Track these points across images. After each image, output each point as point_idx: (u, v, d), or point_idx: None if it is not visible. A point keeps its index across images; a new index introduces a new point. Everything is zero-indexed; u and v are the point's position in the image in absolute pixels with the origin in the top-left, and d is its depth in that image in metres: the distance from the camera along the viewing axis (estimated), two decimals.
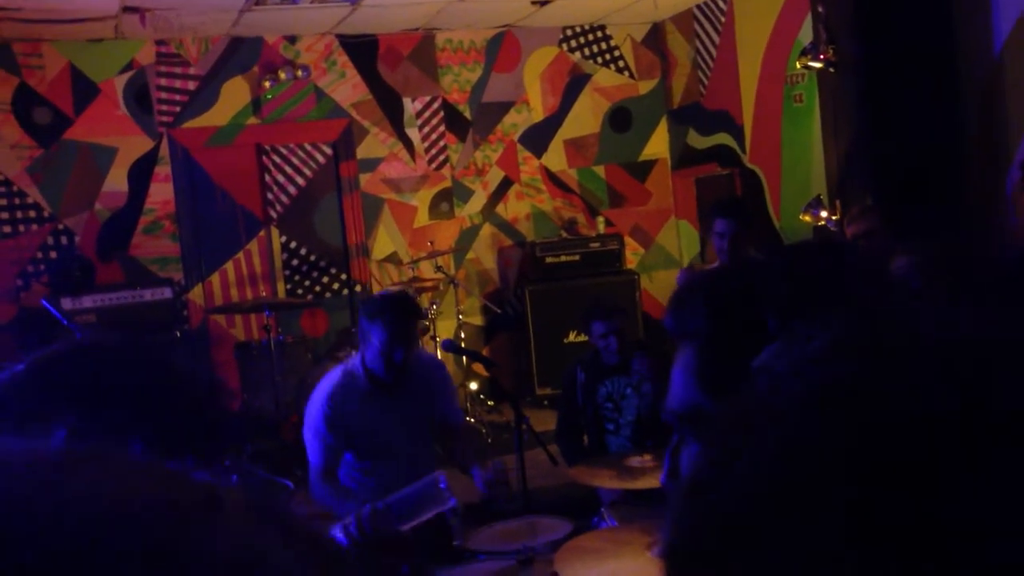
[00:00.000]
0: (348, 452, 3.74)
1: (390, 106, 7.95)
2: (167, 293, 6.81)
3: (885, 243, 4.47)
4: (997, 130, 5.26)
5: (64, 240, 7.13)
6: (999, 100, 5.25)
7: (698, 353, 0.95)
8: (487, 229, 8.21)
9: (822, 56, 5.49)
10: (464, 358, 7.47)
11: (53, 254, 7.10)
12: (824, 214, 5.61)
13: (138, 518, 0.38)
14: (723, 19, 7.68)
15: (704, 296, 0.98)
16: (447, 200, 8.12)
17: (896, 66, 5.24)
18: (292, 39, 7.67)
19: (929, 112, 5.24)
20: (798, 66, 6.03)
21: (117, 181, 7.25)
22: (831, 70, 5.52)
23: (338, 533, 3.41)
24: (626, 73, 8.55)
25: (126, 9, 6.41)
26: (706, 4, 7.84)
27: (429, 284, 7.27)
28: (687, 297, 0.99)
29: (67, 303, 6.37)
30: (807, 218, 5.78)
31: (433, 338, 6.93)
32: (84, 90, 7.16)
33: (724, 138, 7.84)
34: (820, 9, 5.62)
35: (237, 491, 0.43)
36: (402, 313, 3.57)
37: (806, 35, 6.54)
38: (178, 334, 6.77)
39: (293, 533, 0.43)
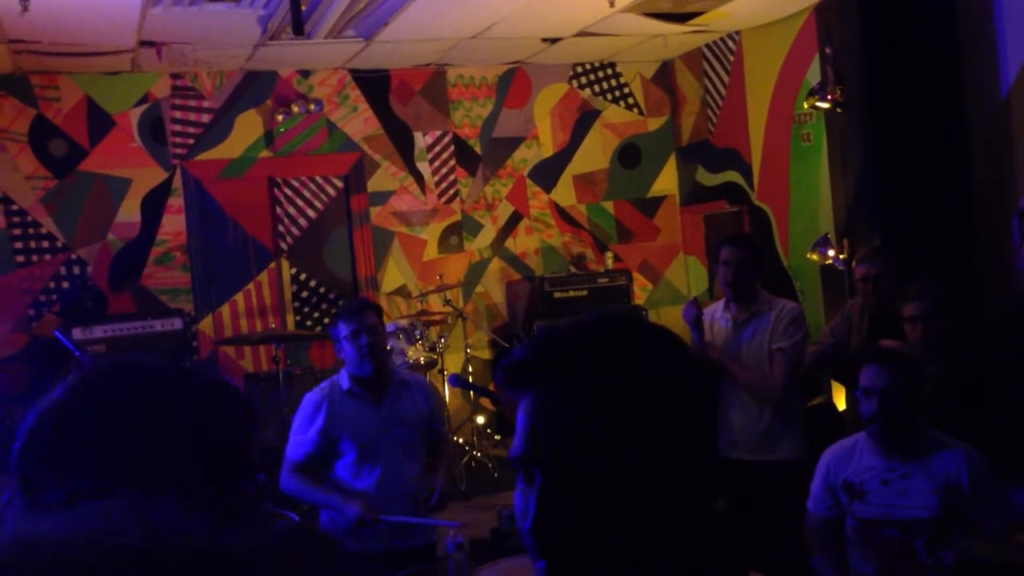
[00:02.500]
0: (335, 458, 3.82)
1: (401, 140, 8.02)
2: (177, 324, 6.85)
3: (893, 285, 4.50)
4: (1004, 170, 5.29)
5: (77, 270, 7.19)
6: (1006, 141, 5.29)
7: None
8: (496, 263, 8.25)
9: (830, 96, 5.55)
10: (471, 392, 7.48)
11: (65, 284, 7.15)
12: (831, 253, 5.64)
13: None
14: (732, 58, 7.76)
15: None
16: (456, 234, 8.16)
17: (903, 107, 5.29)
18: (305, 73, 7.76)
19: (936, 153, 5.28)
20: (806, 106, 6.09)
21: (130, 212, 7.32)
22: (838, 110, 5.57)
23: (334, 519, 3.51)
24: (635, 110, 8.62)
25: (143, 43, 6.51)
26: (715, 43, 7.92)
27: (438, 318, 7.30)
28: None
29: (78, 333, 6.41)
30: (815, 256, 5.81)
31: (441, 372, 6.95)
32: (99, 122, 7.25)
33: (732, 176, 7.89)
34: (828, 50, 5.68)
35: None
36: (356, 308, 3.82)
37: (814, 75, 6.61)
38: (187, 365, 6.79)
39: None
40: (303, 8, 5.38)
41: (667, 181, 8.69)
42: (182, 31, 6.32)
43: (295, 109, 7.63)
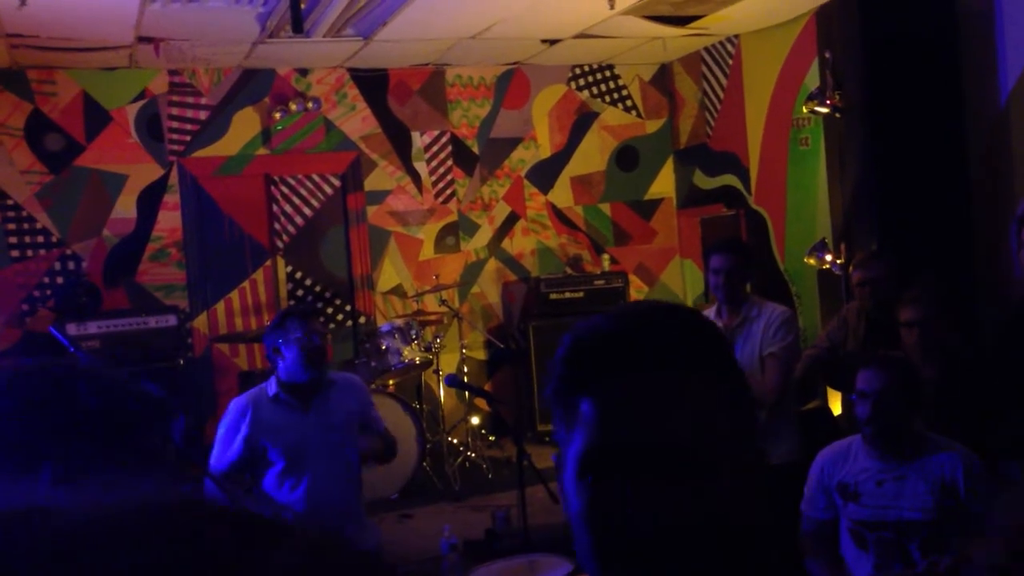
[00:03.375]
0: (264, 468, 3.73)
1: (399, 140, 8.01)
2: (172, 321, 6.83)
3: (890, 290, 4.50)
4: (1002, 177, 5.30)
5: (71, 265, 7.16)
6: (1004, 148, 5.29)
7: None
8: (492, 264, 8.24)
9: (828, 101, 5.55)
10: (466, 393, 7.47)
11: (60, 279, 7.12)
12: (828, 257, 5.64)
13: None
14: (731, 62, 7.76)
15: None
16: (453, 234, 8.15)
17: (902, 112, 5.29)
18: (303, 72, 7.75)
19: (935, 159, 5.28)
20: (804, 110, 6.09)
21: (126, 208, 7.29)
22: (837, 115, 5.57)
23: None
24: (633, 112, 8.62)
25: (141, 39, 6.49)
26: (714, 47, 7.92)
27: (433, 318, 7.29)
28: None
29: (72, 329, 6.38)
30: (811, 261, 5.81)
31: (436, 372, 6.94)
32: (96, 117, 7.23)
33: (730, 179, 7.89)
34: (827, 55, 5.68)
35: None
36: (309, 311, 3.79)
37: (813, 80, 6.61)
38: (181, 362, 6.77)
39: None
40: (302, 6, 5.37)
41: (664, 184, 8.69)
42: (180, 27, 6.30)
43: (293, 107, 7.62)
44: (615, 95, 8.58)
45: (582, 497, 0.92)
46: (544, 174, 8.37)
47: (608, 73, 8.54)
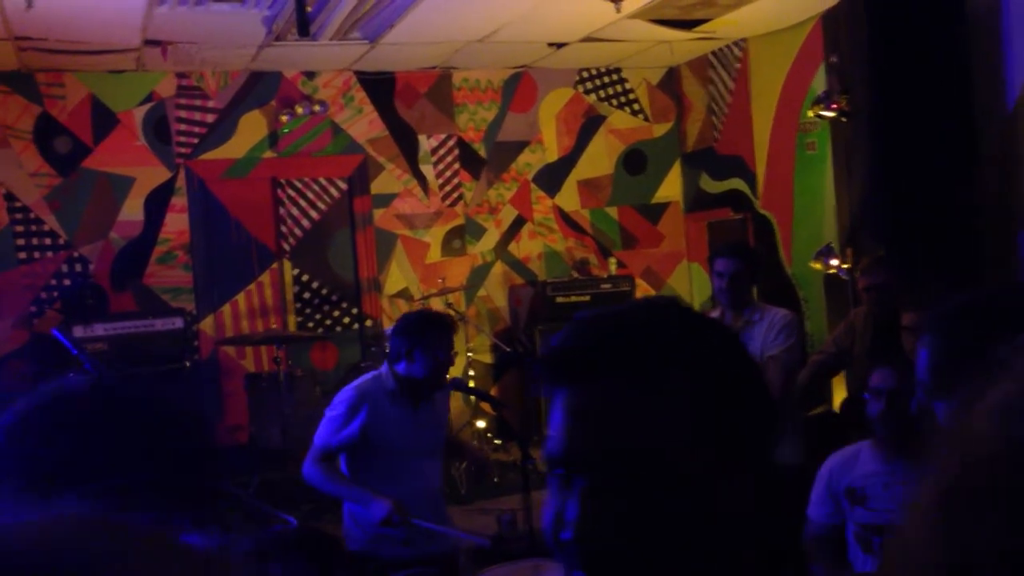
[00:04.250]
0: (366, 456, 3.76)
1: (406, 143, 8.01)
2: (178, 323, 6.84)
3: (896, 296, 4.48)
4: (1011, 183, 5.27)
5: (79, 268, 7.18)
6: (1013, 154, 5.27)
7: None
8: (499, 267, 8.23)
9: (835, 105, 5.54)
10: (472, 397, 7.46)
11: (67, 281, 7.14)
12: (835, 262, 5.63)
13: None
14: (738, 66, 7.74)
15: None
16: (460, 237, 8.15)
17: (909, 117, 5.26)
18: (310, 75, 7.75)
19: (943, 163, 5.26)
20: (811, 114, 6.08)
21: (133, 211, 7.31)
22: (844, 119, 5.56)
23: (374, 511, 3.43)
24: (641, 116, 8.61)
25: (148, 42, 6.50)
26: (721, 51, 7.91)
27: None
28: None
29: (79, 331, 6.40)
30: (818, 265, 5.79)
31: None
32: (104, 120, 7.25)
33: (737, 183, 7.87)
34: (834, 59, 5.67)
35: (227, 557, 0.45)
36: (446, 328, 3.81)
37: (820, 84, 6.59)
38: (188, 364, 6.78)
39: None
40: (308, 9, 5.38)
41: (671, 188, 8.67)
42: (187, 30, 6.31)
43: (299, 110, 7.62)
44: (622, 99, 8.57)
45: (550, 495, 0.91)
46: (551, 177, 8.37)
47: (615, 76, 8.53)
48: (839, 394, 5.50)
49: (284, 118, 7.62)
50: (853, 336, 4.73)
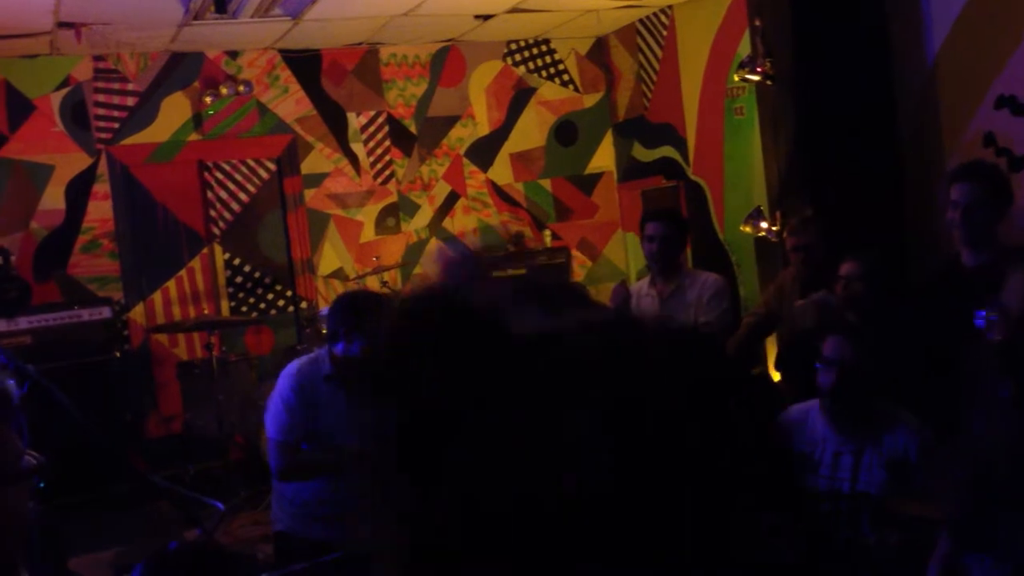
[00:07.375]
0: (313, 438, 3.67)
1: (334, 121, 7.89)
2: (106, 313, 6.68)
3: (824, 254, 4.52)
4: (931, 138, 5.34)
5: None
6: (932, 108, 5.34)
7: None
8: (434, 244, 8.17)
9: (759, 69, 5.55)
10: None
11: None
12: (764, 225, 5.66)
13: None
14: (665, 33, 7.74)
15: None
16: (393, 215, 8.07)
17: (832, 78, 5.31)
18: (233, 54, 7.59)
19: (865, 121, 5.31)
20: (737, 79, 6.09)
21: (54, 199, 7.11)
22: (768, 83, 5.58)
23: None
24: (571, 87, 8.58)
25: (61, 24, 6.30)
26: (648, 18, 7.90)
27: None
28: None
29: (2, 325, 6.23)
30: (748, 229, 5.83)
31: None
32: (19, 107, 7.02)
33: (668, 151, 7.89)
34: (757, 22, 5.68)
35: None
36: (382, 306, 3.68)
37: (745, 48, 6.60)
38: (118, 354, 6.63)
39: None
40: None
41: (604, 158, 8.67)
42: (100, 11, 6.12)
43: (224, 91, 7.46)
44: (552, 70, 8.53)
45: None
46: (483, 152, 8.31)
47: (544, 48, 8.48)
48: (773, 354, 5.56)
49: (208, 99, 7.45)
50: (782, 296, 4.77)
